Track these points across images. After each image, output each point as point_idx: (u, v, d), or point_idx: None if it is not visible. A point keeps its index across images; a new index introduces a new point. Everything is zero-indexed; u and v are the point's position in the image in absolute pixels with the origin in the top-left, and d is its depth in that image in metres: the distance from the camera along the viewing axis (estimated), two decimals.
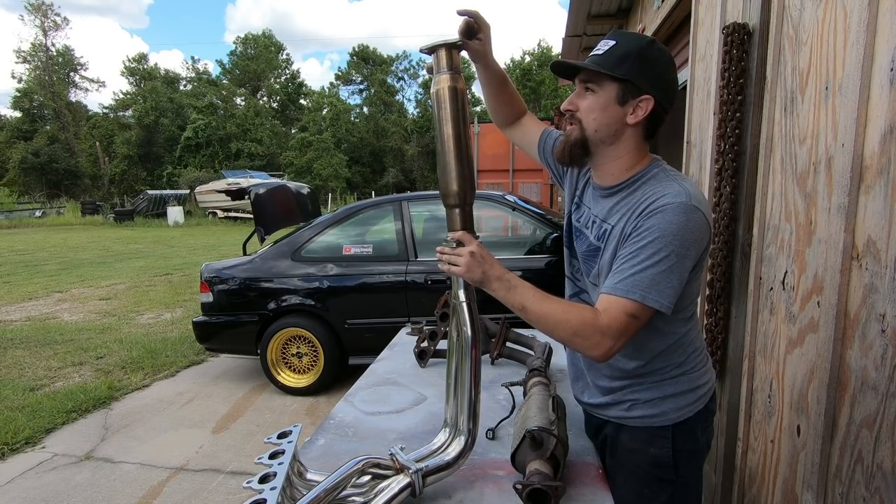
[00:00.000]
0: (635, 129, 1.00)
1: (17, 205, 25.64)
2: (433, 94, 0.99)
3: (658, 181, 0.98)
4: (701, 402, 1.07)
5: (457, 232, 1.01)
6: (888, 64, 0.97)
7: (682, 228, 0.89)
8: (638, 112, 0.97)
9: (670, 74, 0.99)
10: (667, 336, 1.02)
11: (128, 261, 9.99)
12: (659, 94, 0.97)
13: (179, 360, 4.29)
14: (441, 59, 0.97)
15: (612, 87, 0.96)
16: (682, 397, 1.05)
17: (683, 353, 1.05)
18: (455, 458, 0.98)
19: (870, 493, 1.01)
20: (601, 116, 0.98)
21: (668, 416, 1.05)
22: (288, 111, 39.38)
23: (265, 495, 0.77)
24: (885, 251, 0.97)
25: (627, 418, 1.07)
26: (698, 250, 0.93)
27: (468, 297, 1.02)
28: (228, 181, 18.71)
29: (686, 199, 0.91)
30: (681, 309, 0.99)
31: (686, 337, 1.05)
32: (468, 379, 1.00)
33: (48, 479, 2.59)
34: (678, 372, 1.05)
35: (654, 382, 1.05)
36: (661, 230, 0.90)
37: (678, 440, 1.05)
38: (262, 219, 3.74)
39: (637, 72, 0.95)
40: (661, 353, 1.04)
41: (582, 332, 0.91)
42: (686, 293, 0.97)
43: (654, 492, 1.06)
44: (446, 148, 0.98)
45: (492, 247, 1.13)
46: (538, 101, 32.99)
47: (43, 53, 33.16)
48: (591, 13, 4.74)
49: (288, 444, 0.91)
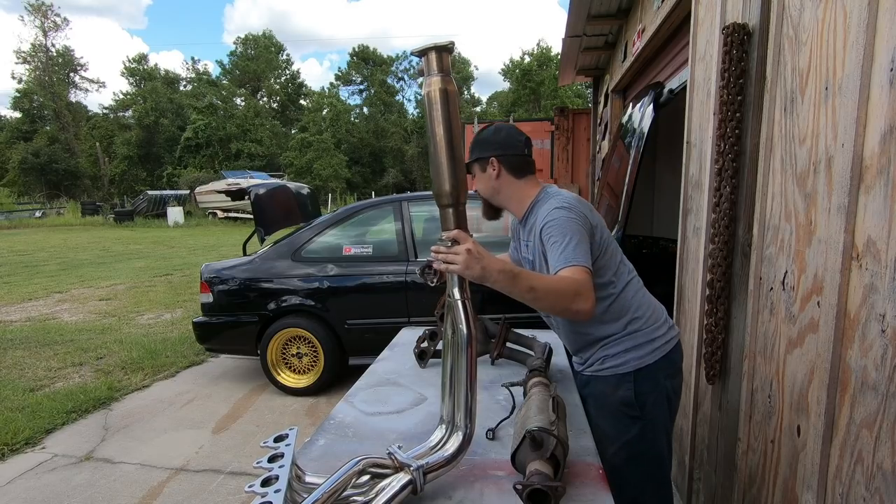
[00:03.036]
0: (503, 178, 1.41)
1: (17, 205, 25.65)
2: (424, 96, 1.00)
3: (544, 202, 1.36)
4: (659, 352, 1.36)
5: (451, 231, 1.04)
6: (888, 64, 0.97)
7: (566, 216, 1.27)
8: (492, 170, 1.41)
9: (498, 136, 1.43)
10: (602, 298, 1.33)
11: (128, 261, 9.99)
12: (496, 152, 1.40)
13: (179, 361, 4.29)
14: (432, 62, 0.98)
15: (475, 167, 1.45)
16: (639, 349, 1.35)
17: (629, 311, 1.37)
18: (454, 454, 0.98)
19: (870, 494, 1.01)
20: (482, 186, 1.46)
21: (629, 364, 1.35)
22: (288, 111, 39.40)
23: (270, 498, 0.77)
24: (885, 251, 0.97)
25: (601, 370, 1.39)
26: (584, 225, 1.27)
27: (463, 295, 1.03)
28: (228, 182, 18.75)
29: (559, 204, 1.30)
30: (600, 276, 1.33)
31: (623, 297, 1.36)
32: (465, 376, 1.00)
33: (48, 480, 2.59)
34: (632, 329, 1.36)
35: (615, 340, 1.37)
36: (556, 224, 1.26)
37: (640, 383, 1.34)
38: (262, 219, 3.74)
39: (476, 151, 1.43)
40: (606, 313, 1.35)
41: (580, 290, 1.15)
42: (599, 265, 1.32)
43: (625, 426, 1.35)
44: (439, 149, 1.00)
45: (492, 247, 1.14)
46: (538, 102, 33.00)
47: (43, 54, 33.19)
48: (590, 13, 4.74)
49: (286, 447, 0.91)
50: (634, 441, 1.34)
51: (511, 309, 1.88)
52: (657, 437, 1.37)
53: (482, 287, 1.08)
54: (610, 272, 1.36)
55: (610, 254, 1.37)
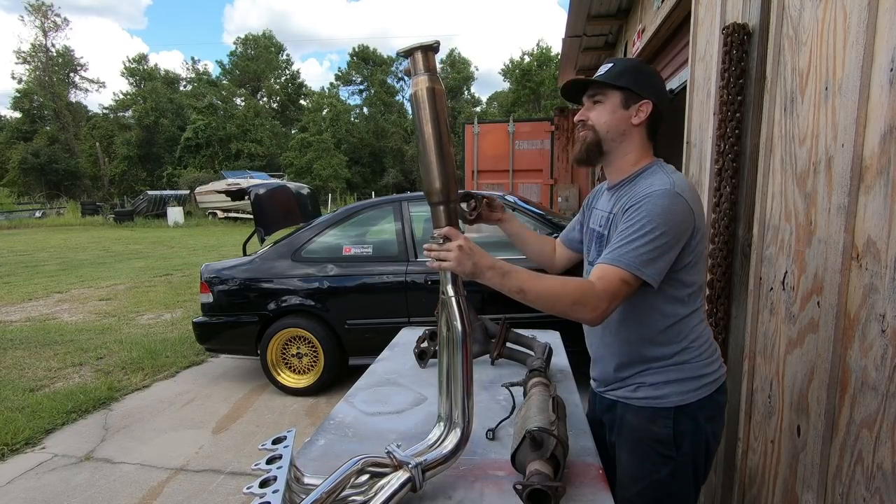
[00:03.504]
0: (639, 129, 1.17)
1: (17, 205, 25.65)
2: (412, 96, 1.02)
3: (653, 175, 1.13)
4: (704, 390, 1.15)
5: (443, 228, 1.04)
6: (888, 64, 0.97)
7: (665, 210, 1.03)
8: (640, 114, 1.15)
9: (662, 84, 1.20)
10: (666, 316, 1.13)
11: (128, 261, 9.99)
12: (655, 98, 1.15)
13: (179, 361, 4.29)
14: (418, 62, 1.00)
15: (616, 95, 1.15)
16: (684, 383, 1.15)
17: (686, 340, 1.14)
18: (452, 451, 0.98)
19: (870, 494, 1.01)
20: (610, 119, 1.16)
21: (669, 398, 1.14)
22: (288, 111, 39.39)
23: (269, 498, 0.77)
24: (885, 251, 0.97)
25: (632, 398, 1.18)
26: (681, 231, 1.05)
27: (456, 292, 1.03)
28: (228, 182, 18.73)
29: (670, 186, 1.06)
30: (677, 290, 1.12)
31: (686, 323, 1.14)
32: (461, 373, 1.00)
33: (48, 480, 2.58)
34: (681, 359, 1.14)
35: (660, 367, 1.15)
36: (647, 211, 1.04)
37: (679, 422, 1.14)
38: (262, 219, 3.74)
39: (634, 82, 1.14)
40: (662, 333, 1.14)
41: (582, 300, 1.01)
42: (681, 277, 1.11)
43: (655, 466, 1.16)
44: (428, 147, 1.01)
45: (492, 247, 1.14)
46: (538, 102, 32.97)
47: (43, 54, 33.17)
48: (590, 13, 4.74)
49: (284, 448, 0.91)
50: (663, 483, 1.16)
51: (511, 309, 1.88)
52: (687, 483, 1.18)
53: (483, 287, 1.08)
54: (688, 290, 1.14)
55: (698, 270, 1.14)
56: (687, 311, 1.14)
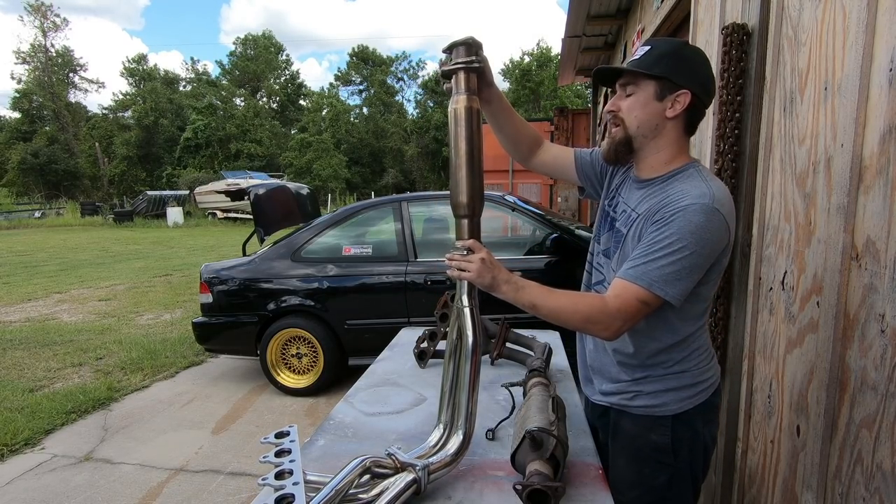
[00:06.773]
0: (675, 122, 1.04)
1: (17, 205, 25.64)
2: (451, 113, 1.05)
3: (689, 179, 1.02)
4: (701, 395, 1.12)
5: (466, 241, 1.06)
6: (887, 64, 0.97)
7: (700, 228, 0.94)
8: (676, 106, 1.02)
9: (705, 70, 1.04)
10: (677, 332, 1.08)
11: (127, 261, 9.98)
12: (696, 88, 1.01)
13: (179, 361, 4.29)
14: (460, 81, 1.05)
15: (650, 85, 1.03)
16: (681, 391, 1.11)
17: (688, 350, 1.10)
18: (455, 454, 0.99)
19: (869, 494, 1.01)
20: (642, 113, 1.04)
21: (668, 406, 1.11)
22: (287, 112, 39.38)
23: (291, 490, 0.77)
24: (885, 251, 0.97)
25: (630, 406, 1.14)
26: (714, 251, 0.98)
27: (471, 302, 1.05)
28: (228, 182, 18.72)
29: (709, 200, 0.95)
30: (694, 306, 1.05)
31: (694, 335, 1.09)
32: (467, 383, 1.01)
33: (47, 480, 2.58)
34: (681, 368, 1.10)
35: (659, 376, 1.11)
36: (679, 227, 0.95)
37: (677, 429, 1.11)
38: (261, 219, 3.73)
39: (672, 69, 1.01)
40: (668, 347, 1.09)
41: (594, 318, 0.98)
42: (702, 293, 1.04)
43: (654, 472, 1.13)
44: (460, 163, 1.04)
45: (492, 247, 1.15)
46: (538, 102, 32.98)
47: (42, 54, 33.15)
48: (590, 14, 4.75)
49: (290, 442, 0.91)
50: (660, 489, 1.14)
51: (511, 309, 1.87)
52: (685, 489, 1.16)
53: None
54: (704, 304, 1.08)
55: (712, 287, 1.08)
56: (696, 326, 1.09)
